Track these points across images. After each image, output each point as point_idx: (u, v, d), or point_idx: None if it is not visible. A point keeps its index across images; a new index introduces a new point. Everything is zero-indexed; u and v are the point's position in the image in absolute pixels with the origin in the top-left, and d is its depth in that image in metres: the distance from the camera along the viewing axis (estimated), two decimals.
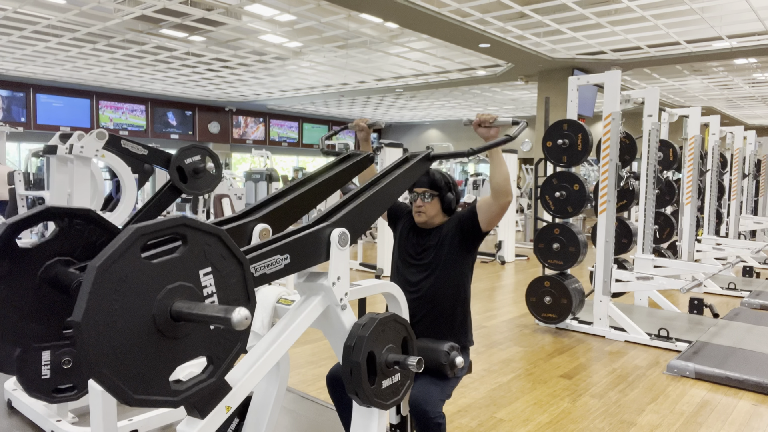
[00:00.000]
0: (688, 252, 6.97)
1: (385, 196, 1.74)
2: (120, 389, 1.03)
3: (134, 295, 1.08)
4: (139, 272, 1.08)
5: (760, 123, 20.50)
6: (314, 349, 4.30)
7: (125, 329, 1.06)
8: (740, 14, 7.90)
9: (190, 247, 1.16)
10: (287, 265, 1.43)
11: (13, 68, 13.02)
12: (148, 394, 1.08)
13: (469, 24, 8.58)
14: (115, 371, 1.03)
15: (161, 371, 1.11)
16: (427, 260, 2.31)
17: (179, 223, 1.14)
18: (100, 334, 1.02)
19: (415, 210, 2.34)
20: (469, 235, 2.28)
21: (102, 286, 1.03)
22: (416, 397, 2.05)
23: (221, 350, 1.21)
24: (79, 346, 1.00)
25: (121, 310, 1.06)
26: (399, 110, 19.76)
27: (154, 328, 1.10)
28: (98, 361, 1.01)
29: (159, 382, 1.10)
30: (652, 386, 3.77)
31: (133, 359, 1.07)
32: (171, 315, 1.11)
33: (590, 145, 4.87)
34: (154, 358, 1.10)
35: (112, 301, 1.05)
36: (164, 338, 1.12)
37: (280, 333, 1.48)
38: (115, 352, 1.04)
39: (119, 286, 1.05)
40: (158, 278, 1.12)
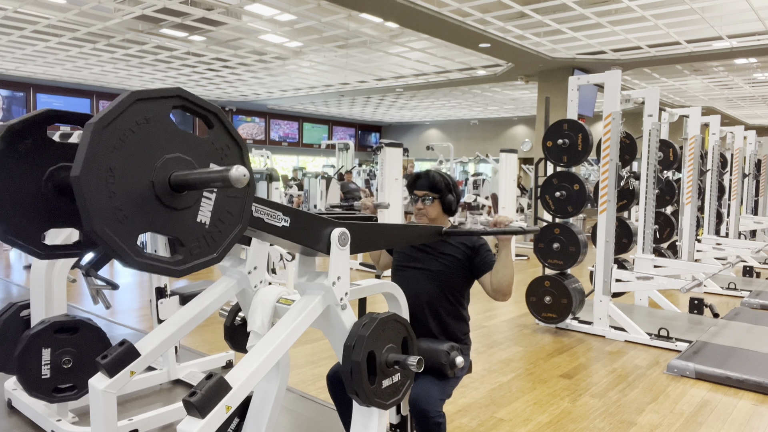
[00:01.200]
0: (688, 252, 6.97)
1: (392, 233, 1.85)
2: (121, 249, 1.03)
3: (132, 157, 1.08)
4: (137, 136, 1.09)
5: (760, 123, 20.50)
6: (314, 349, 4.30)
7: (125, 190, 1.06)
8: (740, 14, 7.90)
9: (213, 137, 1.20)
10: (285, 227, 1.45)
11: (13, 68, 13.02)
12: (149, 258, 1.08)
13: (469, 24, 8.58)
14: (116, 231, 1.03)
15: (140, 228, 1.10)
16: (428, 262, 2.31)
17: (175, 93, 1.15)
18: (100, 189, 1.02)
19: (416, 212, 2.35)
20: (469, 268, 2.34)
21: (100, 143, 1.03)
22: (416, 396, 2.05)
23: (197, 248, 1.20)
24: (79, 200, 0.99)
25: (119, 171, 1.05)
26: (399, 110, 19.75)
27: (153, 194, 1.10)
28: (98, 217, 1.00)
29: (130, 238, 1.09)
30: (652, 386, 3.77)
31: (133, 221, 1.06)
32: (170, 184, 1.12)
33: (590, 145, 4.87)
34: (150, 222, 1.10)
35: (111, 158, 1.04)
36: (163, 207, 1.12)
37: (280, 333, 1.48)
38: (115, 212, 1.04)
39: (117, 144, 1.05)
40: (156, 146, 1.12)
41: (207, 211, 1.21)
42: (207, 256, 1.21)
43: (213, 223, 1.22)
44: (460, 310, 2.34)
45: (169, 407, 2.93)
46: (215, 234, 1.22)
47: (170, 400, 3.25)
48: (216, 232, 1.22)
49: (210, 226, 1.21)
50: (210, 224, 1.21)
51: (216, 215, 1.22)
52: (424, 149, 16.20)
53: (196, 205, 1.19)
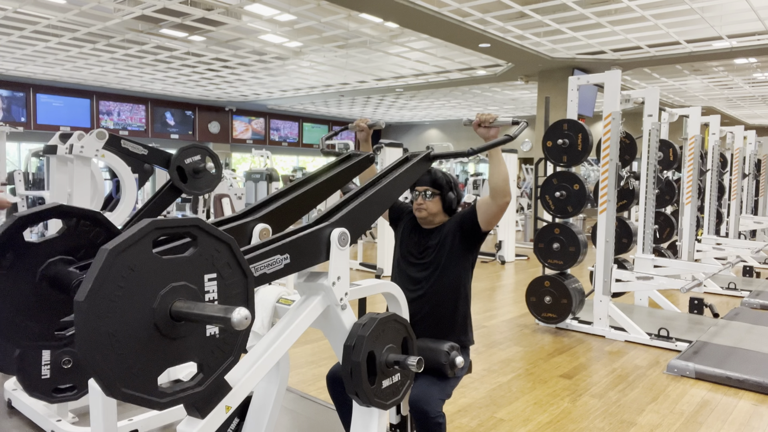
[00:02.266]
0: (688, 252, 6.97)
1: (385, 195, 1.75)
2: (108, 378, 1.03)
3: (139, 286, 1.08)
4: (148, 265, 1.09)
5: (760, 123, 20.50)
6: (314, 349, 4.30)
7: (125, 319, 1.06)
8: (740, 14, 7.90)
9: (200, 250, 1.17)
10: (287, 265, 1.43)
11: (13, 68, 13.02)
12: (134, 390, 1.08)
13: (469, 24, 8.57)
14: (107, 359, 1.03)
15: (151, 370, 1.11)
16: (428, 260, 2.31)
17: (193, 224, 1.16)
18: (100, 317, 1.02)
19: (416, 207, 2.34)
20: (469, 235, 2.28)
21: (110, 271, 1.03)
22: (416, 396, 2.05)
23: (213, 360, 1.20)
24: (77, 325, 1.00)
25: (124, 299, 1.06)
26: (399, 110, 19.75)
27: (152, 324, 1.10)
28: (92, 345, 1.01)
29: (147, 381, 1.10)
30: (652, 386, 3.77)
31: (127, 351, 1.06)
32: (171, 314, 1.12)
33: (590, 145, 4.87)
34: (147, 354, 1.10)
35: (118, 287, 1.05)
36: (160, 336, 1.12)
37: (280, 333, 1.48)
38: (110, 339, 1.04)
39: (127, 274, 1.06)
40: (165, 274, 1.12)
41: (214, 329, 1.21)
42: (225, 362, 1.22)
43: (222, 330, 1.21)
44: (461, 310, 2.34)
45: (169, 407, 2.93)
46: (227, 338, 1.22)
47: None
48: (227, 336, 1.22)
49: (220, 334, 1.21)
50: (220, 332, 1.21)
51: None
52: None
53: (202, 324, 1.19)
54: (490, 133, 2.10)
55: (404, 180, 1.83)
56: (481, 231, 2.27)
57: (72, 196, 3.20)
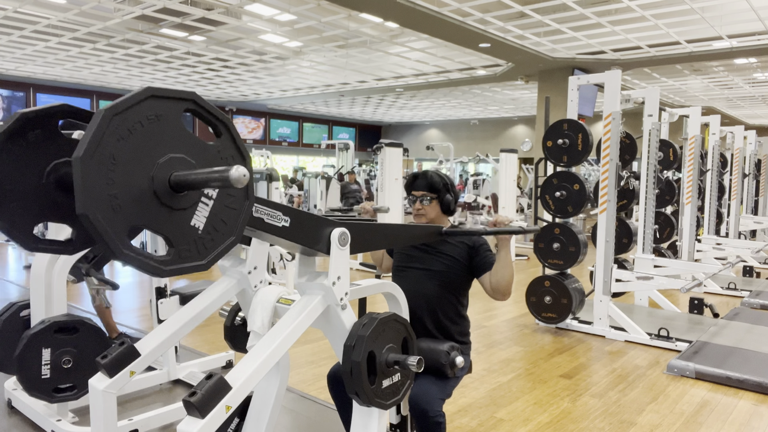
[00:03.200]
0: (688, 252, 6.97)
1: (392, 233, 1.84)
2: (110, 238, 1.02)
3: (137, 151, 1.08)
4: (146, 131, 1.10)
5: (760, 123, 20.51)
6: (314, 349, 4.30)
7: (125, 181, 1.06)
8: (740, 14, 7.90)
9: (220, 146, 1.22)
10: (285, 227, 1.45)
11: (13, 68, 13.02)
12: (135, 252, 1.07)
13: (469, 24, 8.58)
14: (107, 218, 1.02)
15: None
16: (429, 262, 2.32)
17: (190, 97, 1.17)
18: (99, 174, 1.01)
19: (415, 213, 2.35)
20: (469, 266, 2.34)
21: (107, 131, 1.03)
22: (416, 396, 2.05)
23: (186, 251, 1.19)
24: (76, 183, 0.99)
25: (122, 162, 1.06)
26: (399, 110, 19.75)
27: (152, 191, 1.10)
28: (92, 203, 1.00)
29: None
30: (652, 386, 3.77)
31: (128, 213, 1.06)
32: (170, 183, 1.12)
33: (590, 145, 4.87)
34: (147, 220, 1.10)
35: (116, 149, 1.04)
36: (159, 204, 1.12)
37: (280, 333, 1.48)
38: (112, 201, 1.03)
39: (125, 135, 1.06)
40: (163, 143, 1.13)
41: (202, 217, 1.20)
42: (195, 261, 1.20)
43: (206, 230, 1.21)
44: (460, 310, 2.35)
45: (169, 407, 2.93)
46: (207, 241, 1.21)
47: (170, 400, 3.25)
48: (208, 240, 1.21)
49: (203, 232, 1.20)
50: (203, 230, 1.20)
51: (211, 222, 1.22)
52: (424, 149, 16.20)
53: (192, 209, 1.19)
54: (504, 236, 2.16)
55: (413, 234, 1.94)
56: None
57: None
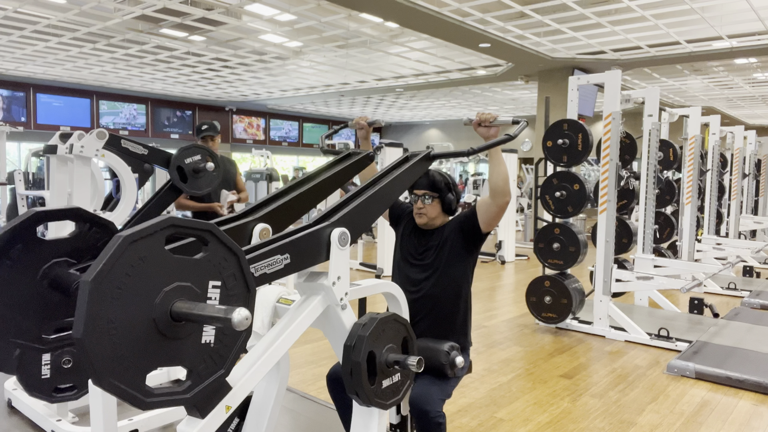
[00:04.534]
0: (688, 252, 6.97)
1: (385, 195, 1.74)
2: (99, 363, 1.02)
3: (146, 279, 1.08)
4: (158, 259, 1.09)
5: (760, 123, 20.50)
6: (314, 349, 4.30)
7: (126, 308, 1.06)
8: (740, 14, 7.90)
9: (209, 255, 1.17)
10: (287, 265, 1.43)
11: (13, 68, 13.01)
12: (121, 382, 1.07)
13: (469, 24, 8.57)
14: (101, 344, 1.02)
15: (142, 366, 1.10)
16: (429, 260, 2.31)
17: (208, 228, 1.16)
18: (102, 301, 1.01)
19: (416, 212, 2.34)
20: (469, 236, 2.28)
21: (122, 257, 1.03)
22: (416, 396, 2.05)
23: (204, 368, 1.19)
24: (79, 305, 0.99)
25: (129, 288, 1.06)
26: (399, 110, 19.75)
27: (151, 320, 1.10)
28: (89, 327, 1.00)
29: (136, 376, 1.09)
30: (652, 386, 3.77)
31: (122, 341, 1.06)
32: (171, 313, 1.11)
33: (590, 145, 4.87)
34: (141, 349, 1.10)
35: (125, 275, 1.05)
36: (157, 333, 1.11)
37: (280, 333, 1.48)
38: (108, 326, 1.03)
39: (137, 263, 1.06)
40: (172, 272, 1.12)
41: (211, 330, 1.20)
42: (215, 374, 1.20)
43: (218, 340, 1.20)
44: (461, 310, 2.34)
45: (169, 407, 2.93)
46: (221, 349, 1.21)
47: None
48: (221, 347, 1.21)
49: (215, 344, 1.20)
50: (215, 342, 1.20)
51: (221, 332, 1.21)
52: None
53: (199, 329, 1.18)
54: (490, 133, 2.10)
55: (404, 179, 1.83)
56: (482, 232, 2.27)
57: (72, 195, 3.20)
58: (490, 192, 2.20)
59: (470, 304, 2.38)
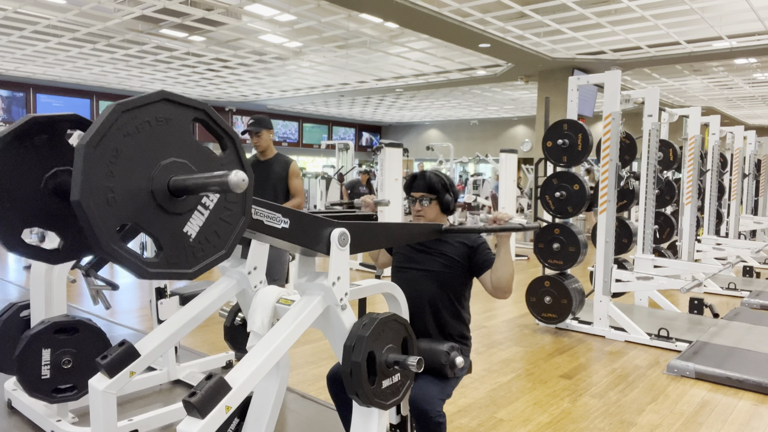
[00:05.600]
0: (688, 252, 6.97)
1: (392, 232, 1.87)
2: (99, 230, 1.02)
3: (142, 149, 1.08)
4: (153, 131, 1.10)
5: (760, 123, 20.50)
6: (314, 349, 4.30)
7: (124, 177, 1.06)
8: (740, 14, 7.90)
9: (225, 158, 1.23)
10: (284, 229, 1.45)
11: (13, 68, 13.02)
12: (121, 248, 1.06)
13: (469, 24, 8.57)
14: (101, 210, 1.02)
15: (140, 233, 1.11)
16: (428, 262, 2.31)
17: (201, 107, 1.19)
18: (99, 165, 1.02)
19: (415, 214, 2.35)
20: (469, 266, 2.33)
21: (116, 124, 1.03)
22: (416, 396, 2.05)
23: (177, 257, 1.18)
24: (75, 169, 0.99)
25: (125, 157, 1.05)
26: (399, 110, 19.75)
27: (149, 191, 1.10)
28: (88, 192, 1.00)
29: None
30: (652, 386, 3.77)
31: (122, 209, 1.06)
32: (169, 186, 1.11)
33: (590, 145, 4.87)
34: (140, 218, 1.09)
35: (121, 143, 1.04)
36: (155, 206, 1.11)
37: (280, 333, 1.48)
38: (107, 193, 1.03)
39: (132, 131, 1.06)
40: (168, 146, 1.12)
41: (196, 225, 1.19)
42: (182, 269, 1.18)
43: (198, 239, 1.20)
44: (461, 310, 2.34)
45: (169, 407, 2.93)
46: (197, 250, 1.20)
47: (170, 400, 3.25)
48: (198, 249, 1.20)
49: (194, 241, 1.19)
50: (195, 239, 1.19)
51: (203, 233, 1.20)
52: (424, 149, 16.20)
53: (187, 215, 1.18)
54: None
55: (412, 232, 1.96)
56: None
57: None
58: (492, 284, 2.25)
59: (468, 304, 2.39)
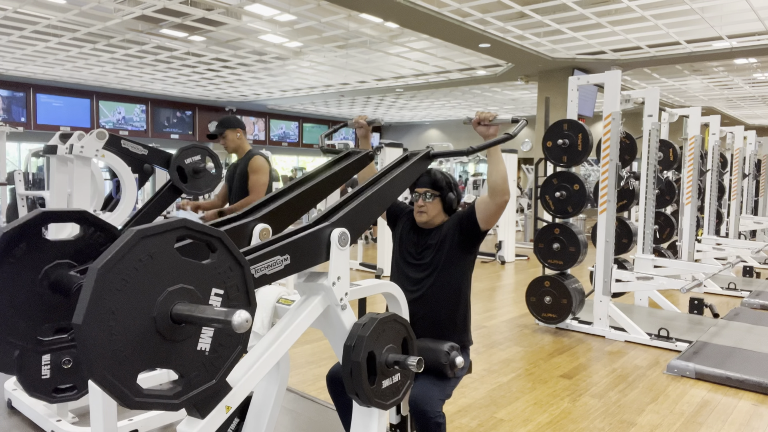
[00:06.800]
0: (688, 252, 6.97)
1: (384, 195, 1.75)
2: (94, 353, 1.02)
3: (152, 276, 1.08)
4: (167, 258, 1.10)
5: (760, 123, 20.50)
6: (314, 349, 4.30)
7: (130, 303, 1.06)
8: (740, 14, 7.90)
9: (216, 263, 1.17)
10: (287, 266, 1.43)
11: (13, 68, 13.02)
12: (113, 376, 1.06)
13: (469, 24, 8.58)
14: (100, 334, 1.02)
15: (136, 363, 1.09)
16: (428, 260, 2.31)
17: (218, 236, 1.16)
18: (107, 291, 1.02)
19: (417, 210, 2.34)
20: (468, 234, 2.28)
21: (132, 250, 1.04)
22: (416, 396, 2.05)
23: (196, 376, 1.18)
24: (84, 292, 1.00)
25: (135, 283, 1.06)
26: (399, 110, 19.75)
27: (152, 318, 1.10)
28: (91, 315, 1.00)
29: (129, 373, 1.08)
30: (652, 386, 3.77)
31: (120, 334, 1.05)
32: (171, 314, 1.11)
33: (590, 145, 4.87)
34: (138, 346, 1.09)
35: (133, 269, 1.05)
36: (155, 333, 1.11)
37: (280, 333, 1.48)
38: (109, 317, 1.03)
39: (146, 259, 1.07)
40: (178, 273, 1.12)
41: (207, 338, 1.19)
42: (206, 383, 1.19)
43: (213, 349, 1.19)
44: (461, 310, 2.34)
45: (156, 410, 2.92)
46: (215, 360, 1.20)
47: None
48: (216, 358, 1.20)
49: (210, 353, 1.19)
50: (210, 351, 1.19)
51: (217, 341, 1.20)
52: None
53: (196, 335, 1.17)
54: (490, 131, 2.10)
55: (404, 179, 1.84)
56: (480, 230, 2.26)
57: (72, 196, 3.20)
58: (489, 190, 2.20)
59: (469, 304, 2.38)
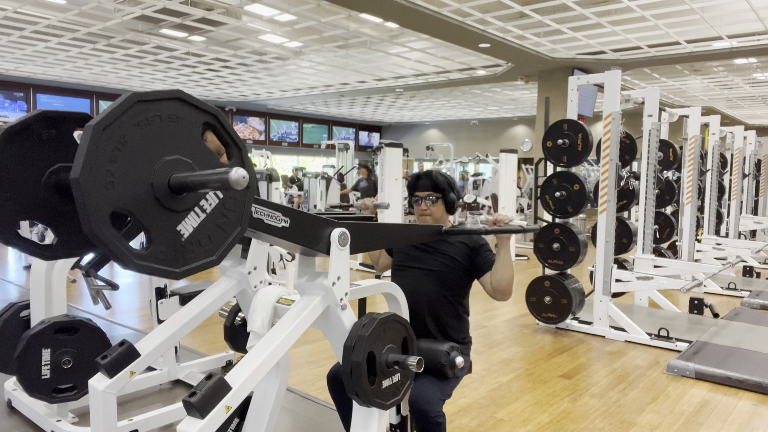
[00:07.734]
0: (688, 252, 6.97)
1: (392, 230, 1.85)
2: (92, 210, 1.01)
3: (149, 142, 1.08)
4: (162, 127, 1.10)
5: (760, 123, 20.51)
6: (314, 349, 4.30)
7: (126, 167, 1.05)
8: (740, 14, 7.90)
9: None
10: (284, 228, 1.45)
11: (13, 68, 13.02)
12: (112, 234, 1.05)
13: (469, 24, 8.58)
14: (99, 193, 1.01)
15: (134, 225, 1.11)
16: (428, 262, 2.31)
17: (213, 112, 1.18)
18: (105, 148, 1.01)
19: (420, 214, 2.35)
20: (471, 267, 2.34)
21: (127, 113, 1.03)
22: (416, 396, 2.05)
23: (196, 249, 1.19)
24: (80, 148, 0.99)
25: (130, 148, 1.05)
26: (399, 110, 19.75)
27: (149, 184, 1.09)
28: (89, 172, 0.99)
29: (125, 234, 1.09)
30: (652, 386, 3.77)
31: (118, 194, 1.05)
32: (170, 183, 1.11)
33: (590, 145, 4.87)
34: (146, 221, 1.09)
35: (129, 132, 1.05)
36: (154, 200, 1.11)
37: (280, 333, 1.48)
38: (108, 177, 1.03)
39: (143, 122, 1.06)
40: (175, 144, 1.12)
41: (190, 226, 1.17)
42: (168, 266, 1.15)
43: (190, 240, 1.18)
44: (460, 310, 2.35)
45: (169, 407, 2.93)
46: (187, 251, 1.18)
47: (170, 400, 3.25)
48: (189, 251, 1.18)
49: (185, 242, 1.17)
50: (186, 240, 1.17)
51: (197, 235, 1.18)
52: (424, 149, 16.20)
53: (183, 214, 1.16)
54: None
55: (413, 232, 1.95)
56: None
57: None
58: (492, 286, 2.26)
59: (468, 303, 2.39)
